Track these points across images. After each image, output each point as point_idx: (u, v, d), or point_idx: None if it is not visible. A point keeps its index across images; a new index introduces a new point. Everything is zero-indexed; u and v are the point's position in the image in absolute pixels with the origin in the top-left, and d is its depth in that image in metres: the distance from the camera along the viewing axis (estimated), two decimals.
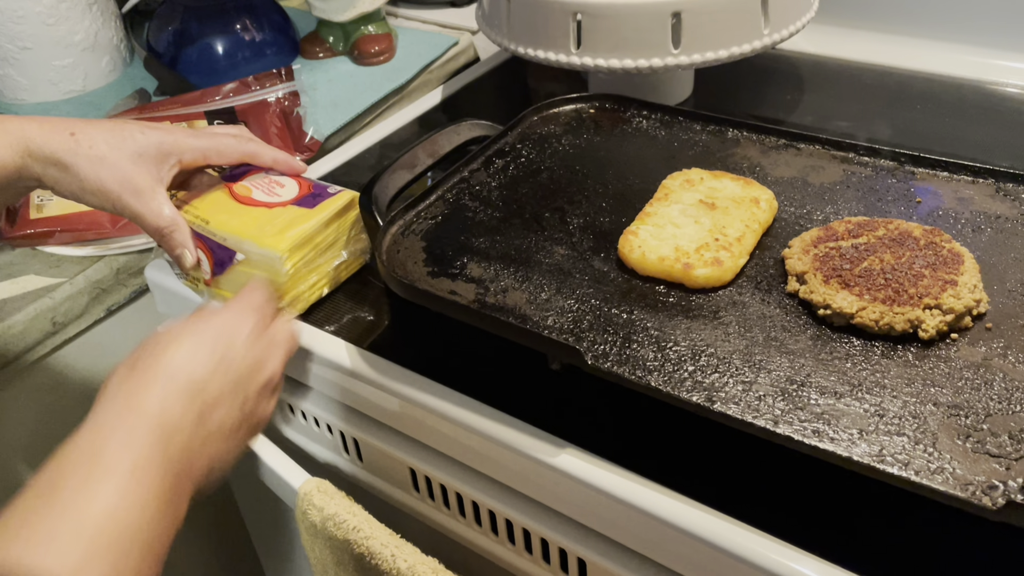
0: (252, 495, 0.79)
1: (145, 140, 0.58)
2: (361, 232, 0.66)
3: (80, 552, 0.37)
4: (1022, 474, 0.41)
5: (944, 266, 0.51)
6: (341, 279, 0.66)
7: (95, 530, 0.38)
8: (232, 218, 0.61)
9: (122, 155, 0.56)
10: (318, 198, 0.63)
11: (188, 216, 0.61)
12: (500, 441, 0.53)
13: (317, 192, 0.64)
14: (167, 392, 0.46)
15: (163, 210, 0.57)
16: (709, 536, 0.45)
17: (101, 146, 0.56)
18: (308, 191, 0.64)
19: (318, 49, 1.07)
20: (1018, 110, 0.82)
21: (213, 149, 0.61)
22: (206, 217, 0.61)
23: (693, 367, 0.49)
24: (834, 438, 0.44)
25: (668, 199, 0.61)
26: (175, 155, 0.59)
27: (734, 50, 0.77)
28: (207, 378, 0.48)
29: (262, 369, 0.52)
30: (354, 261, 0.67)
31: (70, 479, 0.39)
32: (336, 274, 0.65)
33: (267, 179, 0.65)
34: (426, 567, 0.53)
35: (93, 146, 0.56)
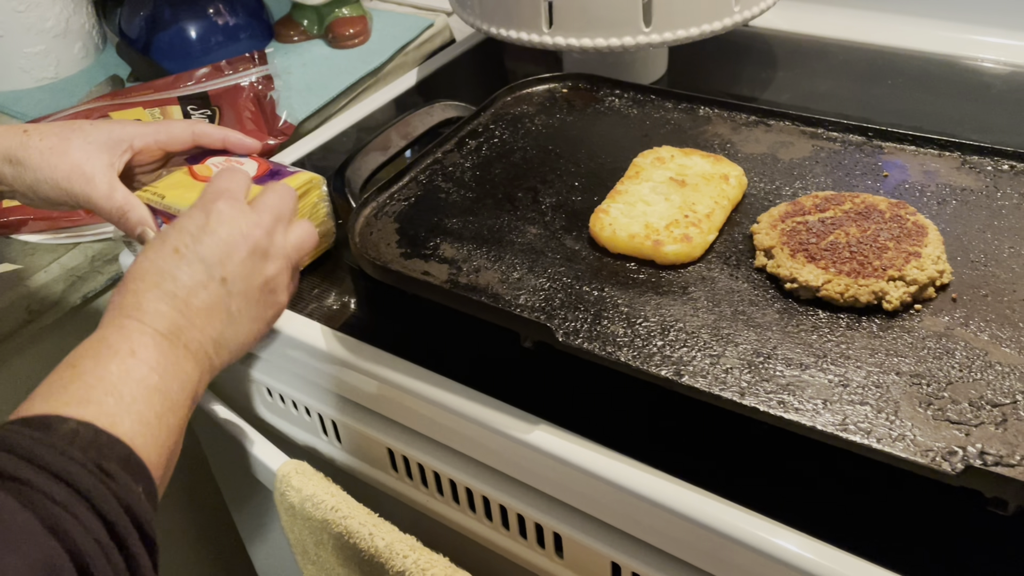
0: (232, 476, 0.80)
1: (94, 130, 0.59)
2: (326, 216, 0.66)
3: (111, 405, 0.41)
4: (981, 440, 0.42)
5: (908, 238, 0.52)
6: (302, 265, 0.66)
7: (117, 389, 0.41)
8: (188, 192, 0.61)
9: (71, 145, 0.58)
10: (277, 176, 0.63)
11: (145, 194, 0.61)
12: (475, 420, 0.53)
13: (276, 171, 0.64)
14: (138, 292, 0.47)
15: (115, 193, 0.58)
16: (681, 508, 0.46)
17: (51, 138, 0.58)
18: (266, 170, 0.64)
19: (292, 32, 1.07)
20: (986, 84, 0.83)
21: (164, 133, 0.62)
22: (162, 193, 0.61)
23: (662, 342, 0.50)
24: (799, 408, 0.44)
25: (639, 177, 0.62)
26: (126, 141, 0.60)
27: (705, 27, 0.77)
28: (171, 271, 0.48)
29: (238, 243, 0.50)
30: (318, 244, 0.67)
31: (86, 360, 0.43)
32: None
33: (227, 161, 0.65)
34: (404, 545, 0.54)
35: (44, 138, 0.58)
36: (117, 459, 0.39)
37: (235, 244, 0.50)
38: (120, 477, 0.38)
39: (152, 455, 0.41)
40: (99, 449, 0.38)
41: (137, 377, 0.43)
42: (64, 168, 0.57)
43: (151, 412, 0.42)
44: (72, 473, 0.36)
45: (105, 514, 0.36)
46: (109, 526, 0.36)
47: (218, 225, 0.50)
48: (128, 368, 0.43)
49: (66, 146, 0.58)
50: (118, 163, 0.59)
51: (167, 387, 0.44)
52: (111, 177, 0.58)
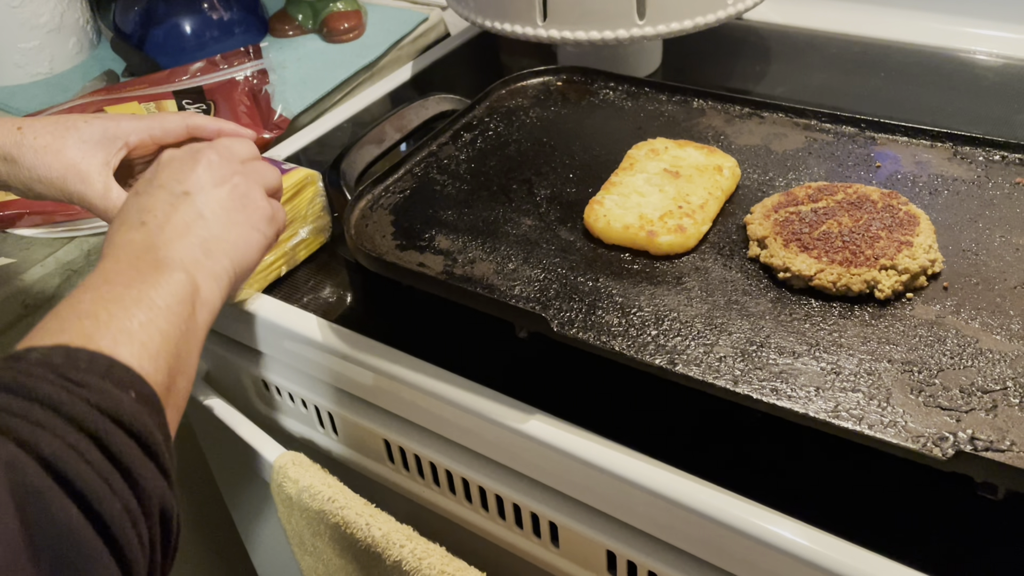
0: (228, 469, 0.80)
1: (89, 128, 0.58)
2: (321, 211, 0.67)
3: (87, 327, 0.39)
4: (972, 426, 0.42)
5: (900, 228, 0.53)
6: (300, 258, 0.67)
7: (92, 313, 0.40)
8: None
9: (66, 143, 0.57)
10: None
11: None
12: (471, 410, 0.54)
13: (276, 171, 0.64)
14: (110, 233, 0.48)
15: (111, 192, 0.58)
16: (676, 496, 0.47)
17: (46, 136, 0.57)
18: None
19: (287, 27, 1.07)
20: (979, 76, 0.83)
21: (158, 127, 0.61)
22: None
23: (656, 331, 0.50)
24: (791, 396, 0.45)
25: (633, 169, 0.62)
26: (120, 138, 0.59)
27: (699, 20, 0.77)
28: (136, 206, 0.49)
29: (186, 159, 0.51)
30: (313, 240, 0.67)
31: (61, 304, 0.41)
32: (294, 253, 0.66)
33: None
34: (401, 534, 0.54)
35: (38, 137, 0.57)
36: (94, 371, 0.37)
37: (187, 163, 0.51)
38: (93, 384, 0.36)
39: (144, 362, 0.39)
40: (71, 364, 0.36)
41: (110, 297, 0.41)
42: (59, 168, 0.57)
43: (133, 322, 0.40)
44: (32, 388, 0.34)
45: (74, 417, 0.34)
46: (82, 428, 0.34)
47: (167, 162, 0.51)
48: (100, 294, 0.42)
49: (60, 145, 0.57)
50: (113, 161, 0.59)
51: (146, 296, 0.42)
52: (106, 176, 0.58)
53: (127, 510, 0.34)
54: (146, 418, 0.37)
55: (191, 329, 0.45)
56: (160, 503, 0.36)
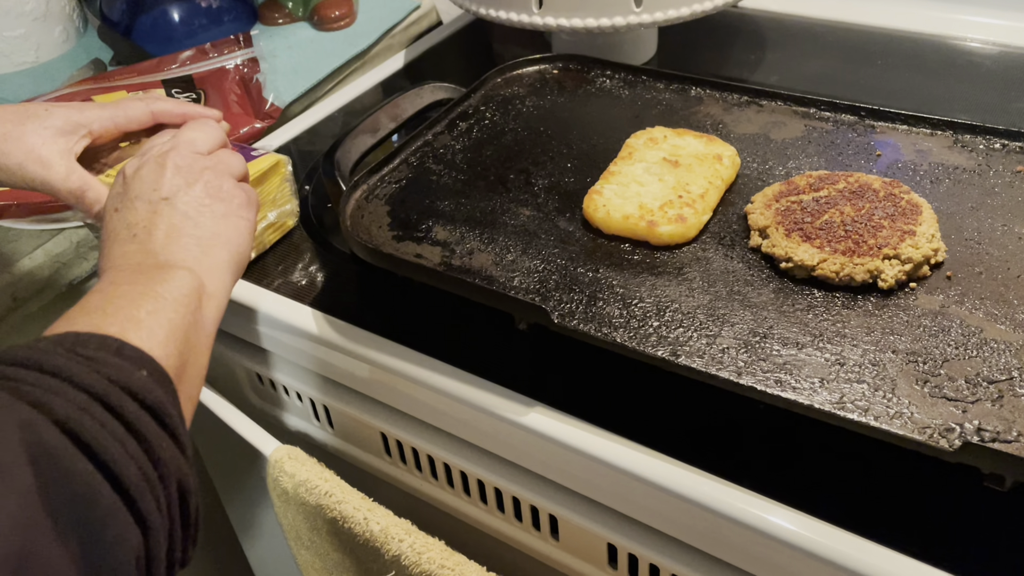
0: (223, 463, 0.79)
1: (50, 115, 0.58)
2: (290, 194, 0.66)
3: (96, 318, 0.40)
4: (978, 416, 0.42)
5: (903, 217, 0.52)
6: (269, 242, 0.67)
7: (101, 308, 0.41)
8: None
9: (26, 130, 0.57)
10: None
11: (109, 179, 0.60)
12: (470, 402, 0.53)
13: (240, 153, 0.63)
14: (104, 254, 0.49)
15: (72, 175, 0.57)
16: (677, 488, 0.46)
17: (5, 125, 0.57)
18: None
19: (277, 15, 1.05)
20: (976, 63, 0.83)
21: (122, 115, 0.61)
22: None
23: (658, 323, 0.49)
24: (796, 387, 0.44)
25: (632, 158, 0.61)
26: (84, 126, 0.59)
27: (696, 8, 0.76)
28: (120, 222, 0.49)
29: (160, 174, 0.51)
30: (282, 224, 0.67)
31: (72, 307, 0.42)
32: (263, 237, 0.66)
33: None
34: (399, 528, 0.54)
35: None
36: (105, 350, 0.37)
37: (155, 170, 0.51)
38: (105, 359, 0.36)
39: (154, 347, 0.40)
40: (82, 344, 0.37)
41: (117, 295, 0.42)
42: (18, 155, 0.57)
43: (140, 311, 0.41)
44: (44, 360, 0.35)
45: (86, 386, 0.34)
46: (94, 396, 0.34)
47: (133, 172, 0.52)
48: (108, 294, 0.43)
49: (20, 132, 0.57)
50: (76, 148, 0.58)
51: (152, 291, 0.43)
52: (69, 160, 0.58)
53: (143, 473, 0.34)
54: (160, 393, 0.37)
55: (199, 321, 0.45)
56: (177, 475, 0.36)
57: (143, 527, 0.34)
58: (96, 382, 0.35)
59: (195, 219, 0.50)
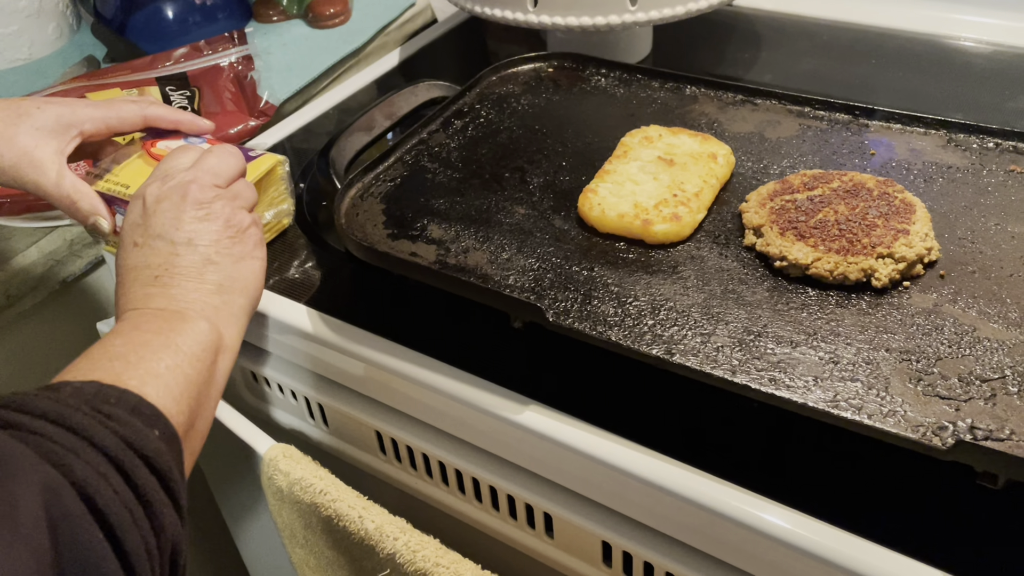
0: (217, 461, 0.79)
1: (42, 115, 0.58)
2: (286, 193, 0.66)
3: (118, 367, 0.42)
4: (971, 415, 0.42)
5: (896, 216, 0.52)
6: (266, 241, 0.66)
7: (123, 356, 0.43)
8: None
9: (19, 130, 0.57)
10: None
11: (108, 184, 0.60)
12: (465, 401, 0.53)
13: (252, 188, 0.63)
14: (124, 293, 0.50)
15: (64, 180, 0.57)
16: (672, 486, 0.46)
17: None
18: None
19: (271, 12, 1.05)
20: (970, 63, 0.83)
21: (114, 116, 0.60)
22: (126, 183, 0.60)
23: (653, 321, 0.49)
24: (790, 385, 0.44)
25: (627, 156, 0.61)
26: (75, 127, 0.58)
27: (691, 6, 0.77)
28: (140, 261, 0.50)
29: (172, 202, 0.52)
30: (277, 223, 0.67)
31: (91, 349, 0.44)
32: None
33: (185, 143, 0.63)
34: (394, 527, 0.54)
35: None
36: (123, 406, 0.39)
37: (177, 207, 0.52)
38: (122, 418, 0.38)
39: (168, 404, 0.41)
40: (103, 399, 0.39)
41: (140, 342, 0.44)
42: (10, 156, 0.56)
43: (160, 365, 0.43)
44: (67, 416, 0.36)
45: (104, 448, 0.36)
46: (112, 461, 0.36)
47: (155, 204, 0.52)
48: (130, 339, 0.44)
49: (12, 132, 0.56)
50: (67, 148, 0.58)
51: (173, 343, 0.45)
52: (60, 164, 0.57)
53: (145, 543, 0.36)
54: (168, 457, 0.39)
55: (213, 376, 0.47)
56: (172, 542, 0.38)
57: None
58: (115, 446, 0.36)
59: (216, 263, 0.51)
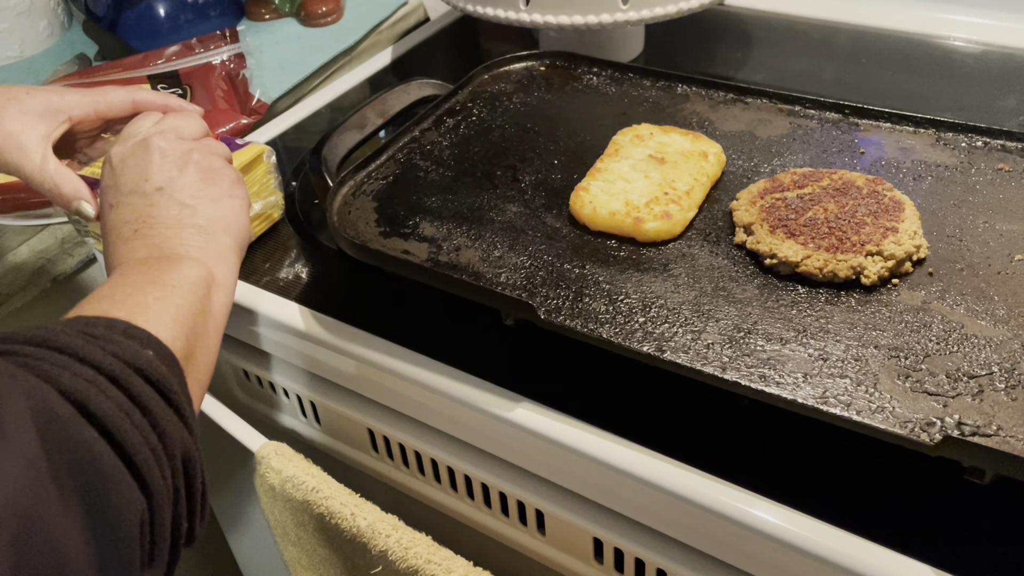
0: (209, 459, 0.79)
1: (31, 100, 0.58)
2: (274, 185, 0.66)
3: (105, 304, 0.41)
4: (959, 411, 0.43)
5: (885, 214, 0.53)
6: (255, 233, 0.67)
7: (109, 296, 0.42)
8: None
9: (6, 114, 0.57)
10: None
11: (93, 168, 0.60)
12: (457, 398, 0.53)
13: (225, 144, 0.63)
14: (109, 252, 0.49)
15: (47, 165, 0.57)
16: (663, 482, 0.46)
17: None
18: None
19: (264, 11, 1.05)
20: (960, 62, 0.84)
21: (103, 102, 0.60)
22: None
23: (644, 318, 0.50)
24: (780, 382, 0.45)
25: (618, 155, 0.61)
26: (63, 112, 0.58)
27: (682, 5, 0.77)
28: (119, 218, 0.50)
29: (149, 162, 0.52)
30: (267, 215, 0.67)
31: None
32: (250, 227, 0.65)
33: None
34: (386, 524, 0.54)
35: None
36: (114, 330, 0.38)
37: (143, 159, 0.52)
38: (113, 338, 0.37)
39: (161, 330, 0.40)
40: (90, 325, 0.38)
41: (125, 283, 0.43)
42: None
43: (148, 298, 0.42)
44: (52, 339, 0.35)
45: (94, 361, 0.35)
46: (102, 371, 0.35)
47: (121, 163, 0.52)
48: (115, 282, 0.44)
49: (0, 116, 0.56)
50: (55, 134, 0.58)
51: (160, 279, 0.44)
52: (44, 148, 0.57)
53: (148, 443, 0.35)
54: (165, 371, 0.38)
55: (207, 309, 0.46)
56: (182, 448, 0.37)
57: (147, 494, 0.34)
58: (103, 358, 0.35)
59: (192, 207, 0.50)
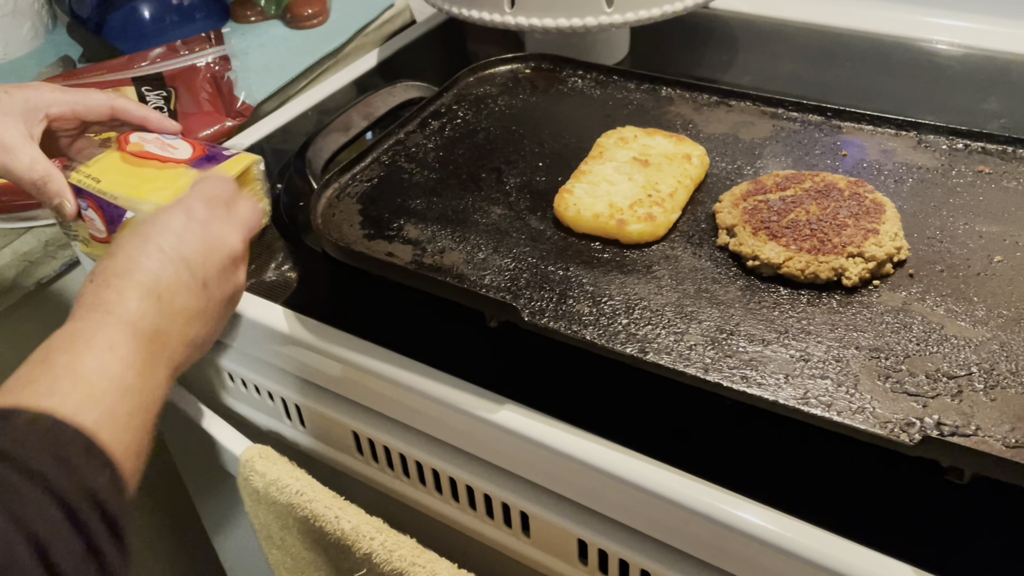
0: (194, 463, 0.79)
1: (10, 99, 0.57)
2: (262, 193, 0.66)
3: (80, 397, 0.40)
4: (938, 411, 0.43)
5: (867, 216, 0.53)
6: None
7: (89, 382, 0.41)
8: (124, 177, 0.59)
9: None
10: (213, 160, 0.62)
11: (79, 176, 0.60)
12: (441, 400, 0.53)
13: (212, 155, 0.63)
14: (121, 288, 0.47)
15: (34, 163, 0.57)
16: (646, 484, 0.47)
17: None
18: (203, 153, 0.62)
19: (249, 13, 1.05)
20: (942, 65, 0.84)
21: (81, 103, 0.60)
22: (97, 176, 0.60)
23: (627, 320, 0.50)
24: (761, 383, 0.45)
25: (603, 157, 0.62)
26: (42, 109, 0.58)
27: (667, 8, 0.77)
28: (156, 273, 0.48)
29: (219, 248, 0.51)
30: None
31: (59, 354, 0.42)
32: None
33: (159, 139, 0.63)
34: (371, 527, 0.54)
35: None
36: (76, 447, 0.38)
37: (216, 248, 0.50)
38: (79, 464, 0.37)
39: (118, 449, 0.40)
40: (56, 437, 0.37)
41: (112, 374, 0.42)
42: None
43: (122, 409, 0.41)
44: (23, 459, 0.35)
45: (64, 498, 0.35)
46: (68, 511, 0.35)
47: (200, 227, 0.50)
48: (104, 363, 0.42)
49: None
50: (36, 131, 0.58)
51: (142, 386, 0.43)
52: (32, 148, 0.57)
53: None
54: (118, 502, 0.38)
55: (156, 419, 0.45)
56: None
57: None
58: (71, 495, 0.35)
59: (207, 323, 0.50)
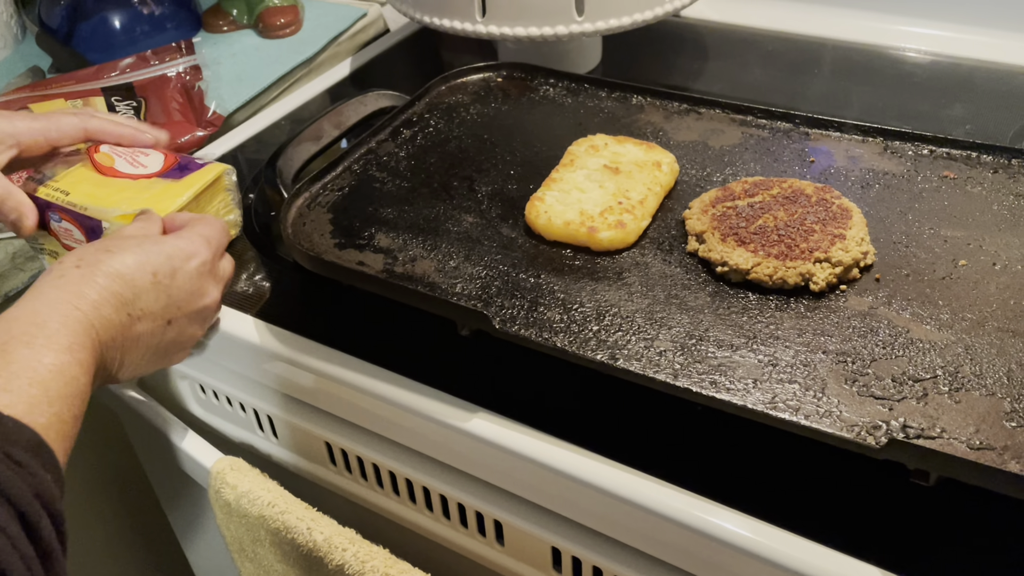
0: (165, 475, 0.78)
1: None
2: (233, 204, 0.65)
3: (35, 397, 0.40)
4: (904, 414, 0.43)
5: (834, 221, 0.54)
6: None
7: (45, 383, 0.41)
8: (94, 188, 0.59)
9: None
10: (185, 171, 0.62)
11: (48, 190, 0.59)
12: (413, 409, 0.53)
13: (184, 164, 0.62)
14: (104, 292, 0.47)
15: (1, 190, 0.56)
16: (618, 490, 0.47)
17: None
18: (174, 163, 0.62)
19: (221, 22, 1.04)
20: (909, 72, 0.86)
21: (53, 128, 0.60)
22: (65, 189, 0.59)
23: (598, 327, 0.50)
24: (730, 388, 0.45)
25: (573, 165, 0.62)
26: (12, 137, 0.58)
27: (637, 17, 0.78)
28: (140, 293, 0.49)
29: (200, 298, 0.53)
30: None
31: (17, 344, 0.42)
32: None
33: (130, 150, 0.63)
34: (343, 538, 0.54)
35: None
36: (27, 447, 0.38)
37: (195, 298, 0.52)
38: (31, 465, 0.37)
39: (60, 451, 0.41)
40: (7, 436, 0.38)
41: (68, 377, 0.43)
42: None
43: (70, 413, 0.42)
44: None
45: (16, 503, 0.35)
46: (20, 515, 0.35)
47: (196, 272, 0.52)
48: (62, 365, 0.43)
49: None
50: (2, 159, 0.57)
51: (87, 392, 0.44)
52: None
53: None
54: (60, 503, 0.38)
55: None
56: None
57: None
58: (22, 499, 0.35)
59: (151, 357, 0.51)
